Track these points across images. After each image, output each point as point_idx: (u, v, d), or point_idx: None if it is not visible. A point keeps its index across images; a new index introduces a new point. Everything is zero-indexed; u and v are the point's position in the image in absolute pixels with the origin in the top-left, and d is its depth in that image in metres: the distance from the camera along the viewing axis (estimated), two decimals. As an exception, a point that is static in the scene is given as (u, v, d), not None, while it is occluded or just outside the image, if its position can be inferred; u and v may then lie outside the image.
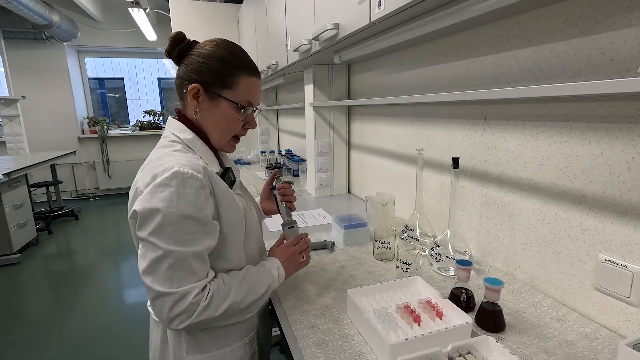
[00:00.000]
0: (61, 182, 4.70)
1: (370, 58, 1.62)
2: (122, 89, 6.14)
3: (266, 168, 2.60)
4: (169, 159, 0.71)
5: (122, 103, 6.17)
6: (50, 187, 4.40)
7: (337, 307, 0.88)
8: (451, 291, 0.87)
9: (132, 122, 6.02)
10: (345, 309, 0.86)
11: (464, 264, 0.84)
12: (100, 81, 6.06)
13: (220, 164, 0.87)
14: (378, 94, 1.62)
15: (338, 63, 1.52)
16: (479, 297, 0.88)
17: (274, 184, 1.05)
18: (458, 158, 0.98)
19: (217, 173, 0.79)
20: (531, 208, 0.92)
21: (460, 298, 0.84)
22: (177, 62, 0.80)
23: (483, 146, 1.05)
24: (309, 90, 1.89)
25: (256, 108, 0.84)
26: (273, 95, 3.56)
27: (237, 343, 0.84)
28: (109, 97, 6.14)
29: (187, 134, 0.79)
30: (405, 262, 0.98)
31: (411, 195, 1.45)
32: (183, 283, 0.67)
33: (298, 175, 2.52)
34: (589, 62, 0.74)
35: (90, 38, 5.20)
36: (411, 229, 1.19)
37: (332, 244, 1.28)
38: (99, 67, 5.95)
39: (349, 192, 2.03)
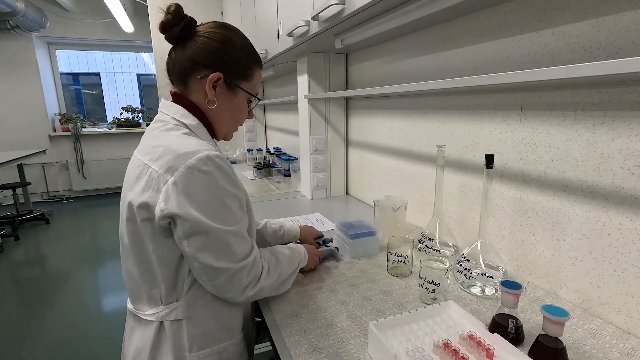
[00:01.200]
0: (29, 183, 4.36)
1: (372, 44, 1.45)
2: (99, 85, 5.79)
3: (254, 167, 2.40)
4: (188, 142, 0.69)
5: (99, 100, 5.82)
6: (17, 189, 4.06)
7: (354, 342, 0.70)
8: (493, 319, 0.71)
9: (110, 119, 5.69)
10: (364, 345, 0.69)
11: (512, 286, 0.67)
12: (75, 76, 5.69)
13: None
14: (380, 84, 1.44)
15: (339, 48, 1.34)
16: (524, 325, 0.72)
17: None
18: (492, 156, 0.82)
19: None
20: (584, 215, 0.76)
21: (508, 329, 0.68)
22: (178, 40, 0.75)
23: (518, 142, 0.89)
24: (303, 81, 1.71)
25: (259, 99, 0.86)
26: (260, 89, 3.35)
27: (238, 336, 0.81)
28: (84, 94, 5.78)
29: (192, 120, 0.75)
30: (432, 282, 0.81)
31: (422, 198, 1.28)
32: (246, 254, 0.71)
33: (289, 175, 2.33)
34: (675, 34, 0.59)
35: (61, 29, 4.84)
36: (430, 239, 1.02)
37: (337, 250, 1.11)
38: (73, 61, 5.58)
39: (347, 193, 1.86)
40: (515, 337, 0.68)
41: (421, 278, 0.83)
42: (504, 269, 0.86)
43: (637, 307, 0.69)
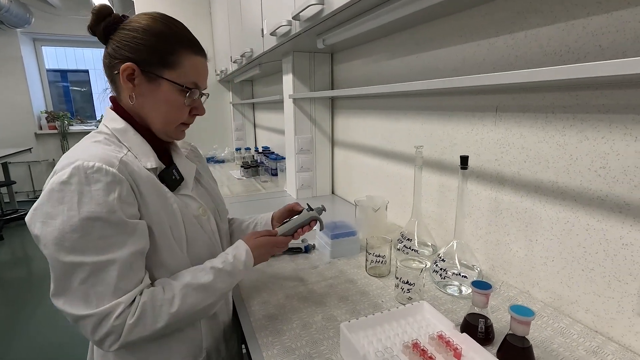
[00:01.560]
0: (14, 182, 4.29)
1: (357, 44, 1.45)
2: (87, 82, 5.71)
3: (241, 167, 2.40)
4: (77, 152, 0.60)
5: (88, 97, 5.74)
6: (2, 188, 3.99)
7: (327, 343, 0.70)
8: (465, 319, 0.72)
9: (99, 117, 5.61)
10: (337, 346, 0.69)
11: (482, 286, 0.68)
12: (63, 73, 5.60)
13: (165, 158, 0.74)
14: (365, 84, 1.45)
15: (321, 48, 1.34)
16: (496, 324, 0.73)
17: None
18: (467, 157, 0.83)
19: (151, 169, 0.67)
20: (555, 216, 0.77)
21: (478, 328, 0.69)
22: (104, 39, 0.68)
23: (493, 143, 0.90)
24: (287, 81, 1.71)
25: (203, 93, 0.73)
26: (249, 88, 3.34)
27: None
28: (73, 91, 5.69)
29: (118, 123, 0.68)
30: (407, 282, 0.82)
31: (404, 198, 1.29)
32: (102, 301, 0.56)
33: (276, 175, 2.33)
34: (638, 37, 0.60)
35: (47, 25, 4.76)
36: (408, 239, 1.03)
37: (312, 246, 1.12)
38: (60, 58, 5.49)
39: (333, 193, 1.87)
40: (485, 336, 0.69)
41: (397, 278, 0.84)
42: (479, 269, 0.87)
43: (604, 306, 0.70)
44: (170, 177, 0.70)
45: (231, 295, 0.88)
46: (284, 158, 2.36)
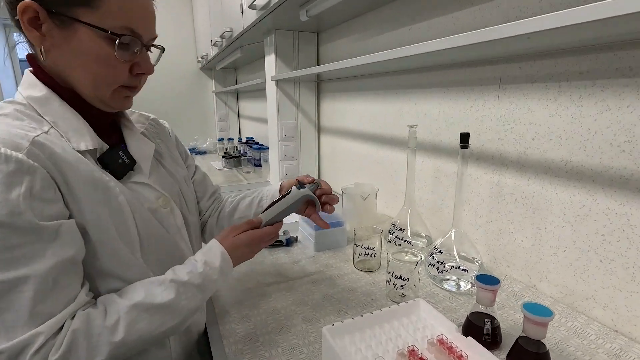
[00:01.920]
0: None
1: (343, 20, 1.33)
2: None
3: (222, 157, 2.26)
4: None
5: None
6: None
7: (307, 350, 0.60)
8: (467, 319, 0.62)
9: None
10: (318, 354, 0.59)
11: (488, 281, 0.58)
12: None
13: (113, 137, 0.60)
14: (351, 72, 1.33)
15: (305, 22, 1.22)
16: (501, 324, 0.63)
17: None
18: (468, 134, 0.73)
19: (86, 152, 0.52)
20: (567, 200, 0.68)
21: (483, 330, 0.59)
22: None
23: (496, 120, 0.80)
24: (270, 62, 1.58)
25: (147, 44, 0.55)
26: (232, 76, 3.19)
27: None
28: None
29: (36, 90, 0.52)
30: (400, 277, 0.72)
31: (395, 186, 1.19)
32: (13, 332, 0.41)
33: (260, 165, 2.21)
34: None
35: None
36: (400, 229, 0.93)
37: (294, 239, 1.01)
38: None
39: (319, 183, 1.75)
40: (492, 339, 0.59)
41: (389, 273, 0.74)
42: (480, 261, 0.77)
43: (626, 302, 0.61)
44: (115, 161, 0.56)
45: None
46: (268, 148, 2.24)
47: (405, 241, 0.91)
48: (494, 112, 0.80)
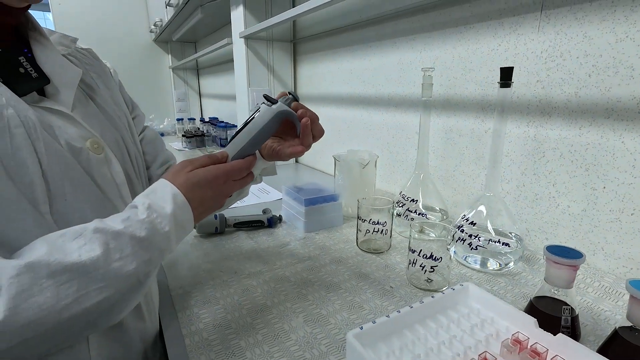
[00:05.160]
0: None
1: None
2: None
3: (183, 136, 1.99)
4: None
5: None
6: None
7: (296, 335, 0.41)
8: (532, 306, 0.45)
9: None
10: (315, 342, 0.40)
11: (566, 254, 0.42)
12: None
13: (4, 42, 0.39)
14: (338, 22, 1.14)
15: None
16: (579, 314, 0.48)
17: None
18: (511, 68, 0.56)
19: None
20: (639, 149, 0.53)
21: (561, 321, 0.43)
22: None
23: (535, 58, 0.64)
24: (237, 17, 1.34)
25: None
26: (191, 50, 2.87)
27: None
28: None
29: None
30: (432, 257, 0.54)
31: (393, 155, 1.02)
32: None
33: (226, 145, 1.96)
34: None
35: None
36: (413, 200, 0.75)
37: (278, 218, 0.82)
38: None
39: (296, 161, 1.55)
40: (572, 333, 0.43)
41: (413, 252, 0.56)
42: (516, 234, 0.61)
43: None
44: (12, 67, 0.36)
45: (156, 291, 0.54)
46: (235, 125, 1.99)
47: (419, 214, 0.73)
48: (532, 47, 0.64)
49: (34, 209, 0.33)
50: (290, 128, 0.50)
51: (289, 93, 0.49)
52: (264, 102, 0.46)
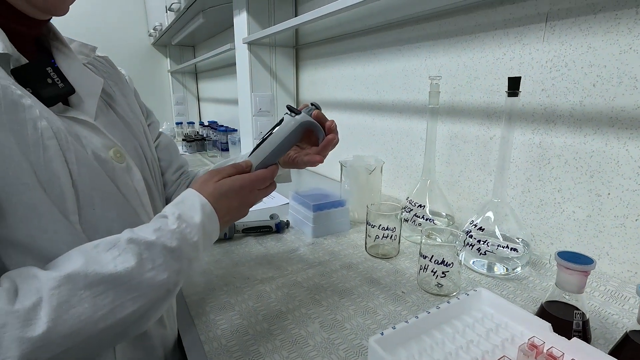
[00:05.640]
0: None
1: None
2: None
3: (183, 140, 1.99)
4: None
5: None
6: None
7: (313, 340, 0.41)
8: (543, 310, 0.47)
9: None
10: (332, 348, 0.41)
11: (577, 260, 0.44)
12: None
13: (31, 54, 0.40)
14: (342, 28, 1.15)
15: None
16: (589, 318, 0.49)
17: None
18: (519, 78, 0.57)
19: None
20: (644, 157, 0.55)
21: (572, 326, 0.44)
22: None
23: (539, 67, 0.66)
24: (241, 23, 1.35)
25: None
26: (189, 54, 2.87)
27: None
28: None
29: None
30: (443, 262, 0.55)
31: (397, 161, 1.03)
32: None
33: (227, 149, 1.96)
34: None
35: None
36: (420, 205, 0.76)
37: (286, 224, 0.83)
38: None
39: (298, 165, 1.56)
40: (583, 337, 0.44)
41: (424, 257, 0.57)
42: (523, 240, 0.63)
43: None
44: (40, 79, 0.36)
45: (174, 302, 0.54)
46: (235, 130, 2.00)
47: (426, 220, 0.75)
48: (538, 57, 0.66)
49: (65, 219, 0.33)
50: (308, 137, 0.51)
51: (312, 104, 0.50)
52: (286, 113, 0.47)
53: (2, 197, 0.29)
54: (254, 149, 0.47)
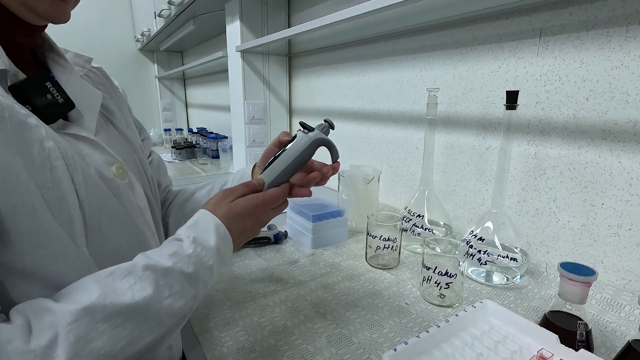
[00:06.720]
0: None
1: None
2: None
3: (172, 147, 1.96)
4: None
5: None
6: None
7: (321, 356, 0.41)
8: (546, 320, 0.48)
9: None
10: (369, 393, 0.40)
11: (579, 271, 0.45)
12: None
13: (28, 66, 0.39)
14: (335, 36, 1.16)
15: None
16: (590, 327, 0.50)
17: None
18: (517, 92, 0.59)
19: None
20: (635, 169, 0.57)
21: (576, 336, 0.45)
22: None
23: (534, 81, 0.68)
24: (234, 30, 1.35)
25: None
26: (178, 60, 2.84)
27: None
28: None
29: None
30: (447, 273, 0.56)
31: (393, 170, 1.04)
32: None
33: (218, 157, 1.94)
34: None
35: None
36: (419, 215, 0.77)
37: (284, 234, 0.82)
38: None
39: (291, 173, 1.55)
40: (587, 347, 0.45)
41: (427, 269, 0.57)
42: (520, 249, 0.64)
43: None
44: (38, 94, 0.35)
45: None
46: (226, 137, 1.98)
47: (425, 229, 0.75)
48: (532, 70, 0.68)
49: (73, 244, 0.32)
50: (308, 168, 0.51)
51: (325, 120, 0.51)
52: (299, 130, 0.47)
53: (8, 222, 0.28)
54: (266, 166, 0.47)
